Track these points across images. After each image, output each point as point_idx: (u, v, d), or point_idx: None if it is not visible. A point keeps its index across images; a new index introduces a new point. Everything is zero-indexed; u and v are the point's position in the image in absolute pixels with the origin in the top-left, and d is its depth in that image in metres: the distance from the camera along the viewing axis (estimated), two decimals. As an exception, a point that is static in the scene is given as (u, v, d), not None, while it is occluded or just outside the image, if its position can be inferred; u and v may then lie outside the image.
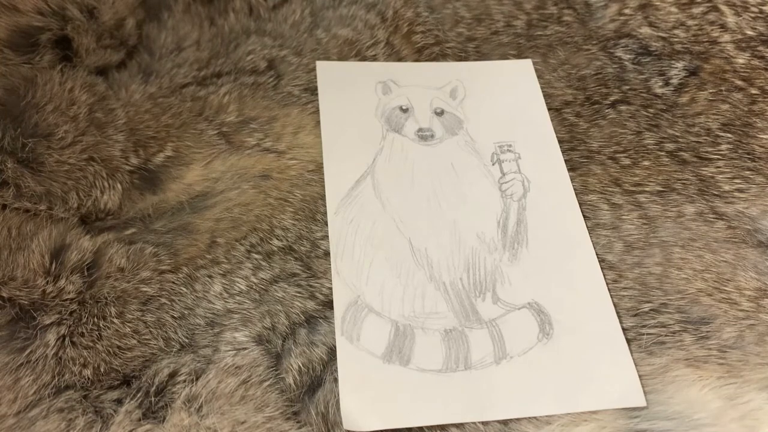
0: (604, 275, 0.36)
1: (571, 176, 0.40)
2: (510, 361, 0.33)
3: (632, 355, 0.33)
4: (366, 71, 0.44)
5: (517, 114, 0.43)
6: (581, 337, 0.34)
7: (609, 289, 0.36)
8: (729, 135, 0.41)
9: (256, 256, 0.36)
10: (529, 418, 0.32)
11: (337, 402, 0.32)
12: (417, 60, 0.45)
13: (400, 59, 0.45)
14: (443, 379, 0.33)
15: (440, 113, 0.43)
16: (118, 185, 0.37)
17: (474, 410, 0.32)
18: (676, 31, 0.46)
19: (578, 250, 0.37)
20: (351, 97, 0.43)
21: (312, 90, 0.43)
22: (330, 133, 0.41)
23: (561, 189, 0.39)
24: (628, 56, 0.45)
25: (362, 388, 0.32)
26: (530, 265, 0.37)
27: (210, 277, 0.35)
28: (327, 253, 0.36)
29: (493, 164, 0.41)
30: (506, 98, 0.44)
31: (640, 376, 0.33)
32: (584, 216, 0.38)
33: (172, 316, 0.34)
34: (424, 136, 0.42)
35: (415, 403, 0.32)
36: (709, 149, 0.41)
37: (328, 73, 0.44)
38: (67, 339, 0.32)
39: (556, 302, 0.35)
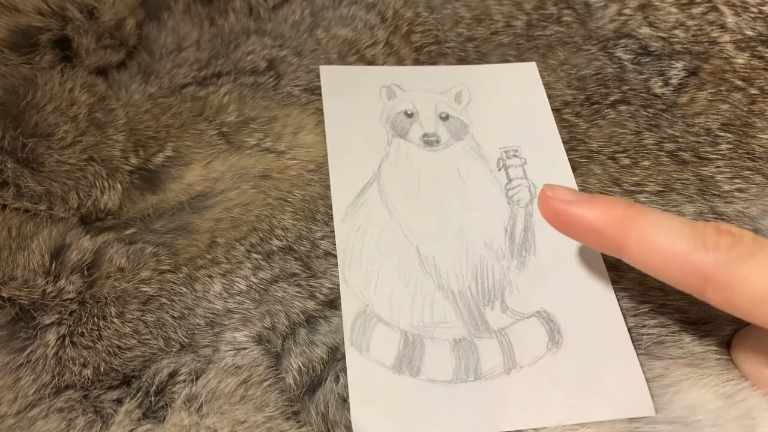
0: (604, 275, 0.36)
1: (571, 176, 0.40)
2: (520, 371, 0.33)
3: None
4: (370, 76, 0.44)
5: (523, 118, 0.43)
6: (590, 346, 0.34)
7: (609, 290, 0.36)
8: (729, 135, 0.41)
9: (256, 256, 0.36)
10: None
11: (337, 402, 0.32)
12: (416, 59, 0.45)
13: (399, 59, 0.45)
14: (454, 390, 0.32)
15: (445, 118, 0.42)
16: (118, 185, 0.37)
17: (485, 421, 0.31)
18: (675, 32, 0.46)
19: (585, 257, 0.36)
20: (355, 102, 0.42)
21: (312, 90, 0.43)
22: (335, 139, 0.40)
23: None
24: (628, 56, 0.45)
25: (373, 399, 0.32)
26: (538, 272, 0.36)
27: (210, 277, 0.35)
28: (327, 253, 0.36)
29: (499, 170, 0.40)
30: (511, 102, 0.43)
31: (640, 378, 0.32)
32: (584, 216, 0.38)
33: (172, 316, 0.34)
34: (430, 141, 0.41)
35: (426, 415, 0.31)
36: (709, 149, 0.41)
37: (332, 78, 0.43)
38: (67, 339, 0.32)
39: (564, 310, 0.35)
